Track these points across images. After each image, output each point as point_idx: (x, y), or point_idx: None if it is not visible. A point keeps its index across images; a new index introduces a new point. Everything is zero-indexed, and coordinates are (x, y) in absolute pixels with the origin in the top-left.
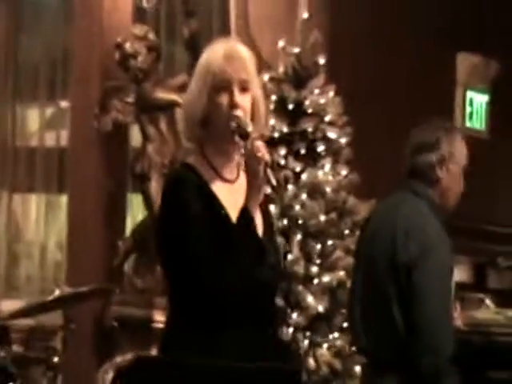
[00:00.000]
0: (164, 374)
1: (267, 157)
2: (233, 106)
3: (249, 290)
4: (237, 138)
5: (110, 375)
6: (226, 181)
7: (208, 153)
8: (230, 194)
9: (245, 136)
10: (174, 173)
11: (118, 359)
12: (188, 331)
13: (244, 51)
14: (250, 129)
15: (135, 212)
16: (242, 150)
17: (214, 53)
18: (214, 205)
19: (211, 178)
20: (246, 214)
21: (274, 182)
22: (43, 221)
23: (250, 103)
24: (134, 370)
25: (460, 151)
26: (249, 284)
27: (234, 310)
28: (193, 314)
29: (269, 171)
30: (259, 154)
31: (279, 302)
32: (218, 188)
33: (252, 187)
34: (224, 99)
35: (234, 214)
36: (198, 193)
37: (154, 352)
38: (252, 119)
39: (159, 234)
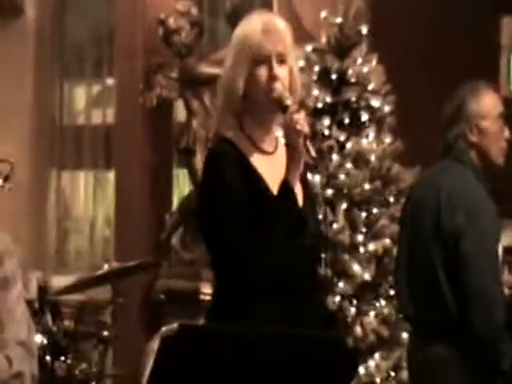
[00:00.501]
0: (208, 342)
1: (306, 129)
2: (272, 78)
3: (289, 259)
4: (276, 111)
5: (156, 344)
6: (265, 153)
7: (246, 126)
8: (270, 166)
9: (284, 108)
10: (213, 148)
11: (163, 328)
12: (231, 301)
13: (281, 23)
14: (289, 102)
15: (181, 187)
16: (281, 122)
17: (251, 26)
18: (254, 178)
19: (250, 151)
20: (286, 185)
21: (313, 153)
22: (91, 197)
23: (288, 75)
24: (179, 338)
25: (488, 104)
26: (289, 253)
27: (276, 279)
28: (235, 284)
29: (308, 143)
30: (298, 127)
31: (326, 271)
32: (258, 161)
33: (291, 159)
34: (263, 72)
35: (274, 186)
36: (237, 166)
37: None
38: (289, 91)
39: (200, 208)
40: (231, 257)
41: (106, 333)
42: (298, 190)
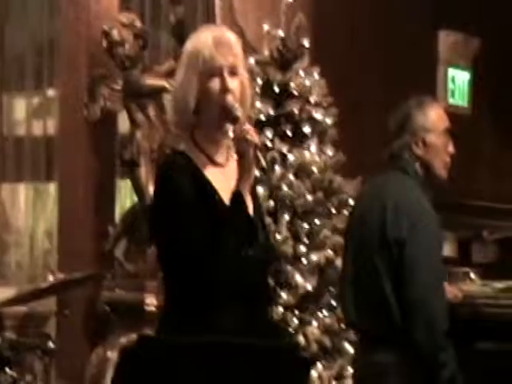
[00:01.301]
0: (168, 353)
1: (256, 139)
2: (224, 90)
3: (242, 269)
4: (226, 123)
5: (115, 355)
6: (217, 165)
7: (198, 138)
8: (223, 178)
9: (235, 120)
10: (166, 159)
11: (123, 339)
12: (183, 311)
13: (232, 36)
14: (238, 113)
15: (123, 198)
16: (231, 134)
17: (203, 39)
18: (207, 189)
19: (203, 164)
20: (238, 196)
21: (263, 163)
22: (31, 209)
23: (239, 87)
24: (139, 349)
25: (434, 119)
26: (242, 263)
27: (228, 289)
28: (187, 295)
29: (258, 153)
30: (248, 137)
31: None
32: (210, 173)
33: (242, 170)
34: (215, 85)
35: (226, 197)
36: (191, 178)
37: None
38: (240, 102)
39: (153, 219)
40: (189, 266)
41: (51, 344)
42: (249, 200)
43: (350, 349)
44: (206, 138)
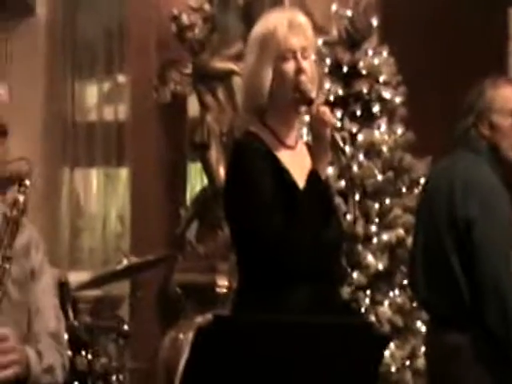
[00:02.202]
0: (243, 333)
1: (333, 121)
2: (299, 72)
3: (316, 250)
4: (300, 104)
5: (188, 336)
6: (288, 148)
7: (269, 121)
8: (294, 161)
9: (309, 101)
10: (239, 141)
11: (198, 319)
12: (258, 291)
13: (304, 19)
14: (313, 95)
15: (194, 181)
16: (306, 116)
17: (275, 22)
18: (281, 172)
19: (274, 146)
20: (315, 176)
21: (342, 144)
22: (103, 194)
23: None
24: (214, 329)
25: (502, 99)
26: (316, 244)
27: (303, 269)
28: (262, 274)
29: (336, 135)
30: (326, 118)
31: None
32: (282, 155)
33: (319, 151)
34: (290, 66)
35: (299, 179)
36: (264, 160)
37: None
38: (312, 84)
39: (229, 200)
40: (265, 246)
41: (125, 327)
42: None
43: (423, 328)
44: (278, 121)
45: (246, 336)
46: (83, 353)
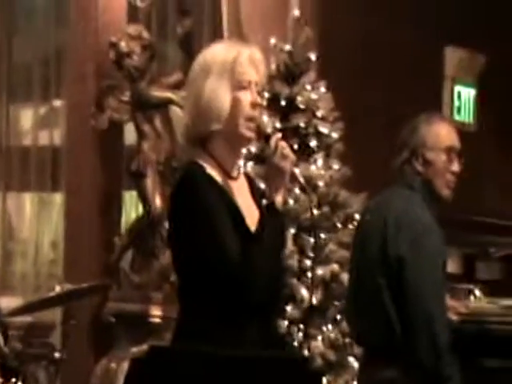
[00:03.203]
0: (178, 363)
1: (292, 155)
2: (255, 104)
3: (268, 283)
4: (252, 136)
5: (123, 364)
6: (232, 178)
7: (215, 151)
8: (238, 192)
9: (266, 136)
10: (186, 171)
11: (134, 349)
12: (203, 322)
13: (261, 56)
14: (269, 129)
15: (128, 209)
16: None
17: (237, 51)
18: (229, 203)
19: (220, 176)
20: (272, 211)
21: (302, 180)
22: (36, 219)
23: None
24: (149, 360)
25: (436, 136)
26: (268, 279)
27: (252, 302)
28: (210, 306)
29: (296, 170)
30: (285, 153)
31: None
32: (228, 186)
33: (278, 184)
34: (246, 97)
35: (245, 210)
36: (213, 191)
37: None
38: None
39: (176, 230)
40: (224, 277)
41: (56, 354)
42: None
43: (355, 363)
44: (224, 151)
45: (181, 367)
46: (13, 380)
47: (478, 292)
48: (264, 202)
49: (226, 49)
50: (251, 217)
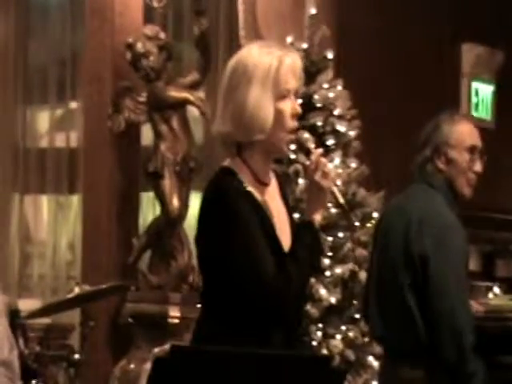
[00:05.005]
0: (200, 363)
1: (332, 174)
2: (295, 114)
3: (296, 300)
4: (289, 146)
5: (145, 366)
6: (263, 184)
7: (247, 157)
8: (269, 198)
9: (307, 152)
10: (219, 179)
11: (156, 349)
12: (227, 332)
13: (300, 61)
14: (311, 144)
15: (146, 210)
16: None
17: (279, 58)
18: (263, 217)
19: (250, 182)
20: (312, 228)
21: (341, 200)
22: (54, 221)
23: None
24: (173, 359)
25: (459, 135)
26: (297, 296)
27: (278, 315)
28: (238, 318)
29: (335, 190)
30: (326, 170)
31: None
32: (257, 192)
33: (316, 201)
34: (287, 107)
35: (276, 216)
36: (248, 204)
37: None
38: None
39: (209, 241)
40: (258, 291)
41: (76, 356)
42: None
43: (375, 363)
44: (257, 158)
45: (203, 366)
46: (33, 382)
47: (497, 289)
48: (297, 216)
49: (267, 54)
50: (283, 224)
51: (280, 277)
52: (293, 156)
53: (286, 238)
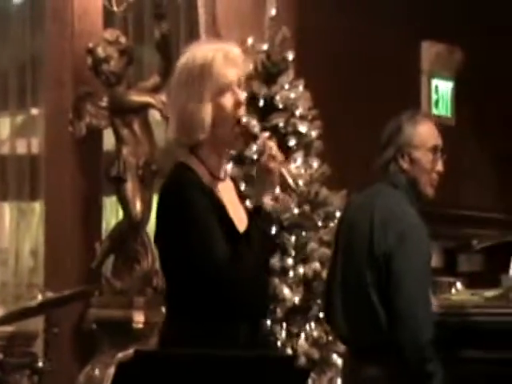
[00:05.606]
0: (164, 367)
1: (280, 156)
2: (239, 105)
3: (256, 285)
4: (239, 137)
5: (109, 372)
6: (219, 180)
7: (202, 153)
8: (225, 193)
9: (254, 137)
10: (173, 172)
11: (120, 354)
12: (191, 325)
13: (237, 50)
14: (256, 129)
15: (109, 215)
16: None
17: (211, 55)
18: (218, 206)
19: (206, 178)
20: (260, 211)
21: (290, 181)
22: (16, 228)
23: None
24: (136, 364)
25: (422, 135)
26: (256, 282)
27: (241, 305)
28: (200, 309)
29: (284, 170)
30: (273, 153)
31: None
32: (214, 187)
33: (265, 185)
34: (228, 100)
35: (233, 213)
36: (202, 193)
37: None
38: None
39: (164, 233)
40: (207, 280)
41: (40, 363)
42: (244, 214)
43: (339, 361)
44: (211, 154)
45: (166, 370)
46: None
47: (459, 285)
48: (248, 203)
49: (203, 53)
50: (239, 218)
51: (234, 259)
52: (255, 157)
53: (242, 228)
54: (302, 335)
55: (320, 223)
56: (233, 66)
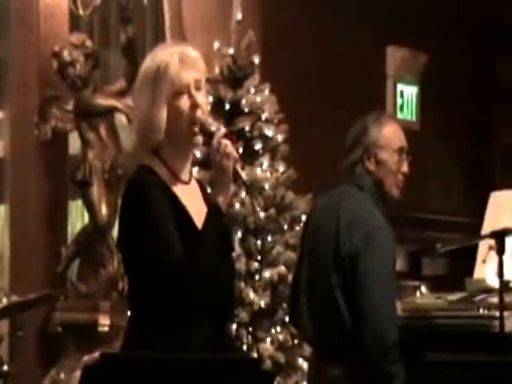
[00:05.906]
0: (130, 370)
1: (235, 154)
2: (195, 107)
3: (216, 286)
4: (198, 139)
5: (75, 375)
6: (182, 182)
7: (164, 155)
8: (189, 195)
9: (209, 135)
10: (134, 175)
11: (85, 358)
12: (153, 327)
13: (194, 52)
14: (213, 128)
15: (75, 219)
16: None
17: (166, 58)
18: (177, 207)
19: (169, 180)
20: (215, 211)
21: (244, 177)
22: None
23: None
24: (101, 367)
25: (388, 136)
26: (217, 279)
27: (202, 306)
28: (161, 310)
29: (238, 167)
30: (227, 151)
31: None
32: (177, 189)
33: (221, 184)
34: (184, 103)
35: (194, 214)
36: (161, 194)
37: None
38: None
39: (125, 235)
40: (165, 281)
41: (4, 367)
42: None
43: (304, 364)
44: (172, 155)
45: (132, 373)
46: None
47: (424, 288)
48: None
49: (157, 56)
50: (201, 218)
51: (187, 258)
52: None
53: None
54: (268, 339)
55: (286, 227)
56: (189, 69)
